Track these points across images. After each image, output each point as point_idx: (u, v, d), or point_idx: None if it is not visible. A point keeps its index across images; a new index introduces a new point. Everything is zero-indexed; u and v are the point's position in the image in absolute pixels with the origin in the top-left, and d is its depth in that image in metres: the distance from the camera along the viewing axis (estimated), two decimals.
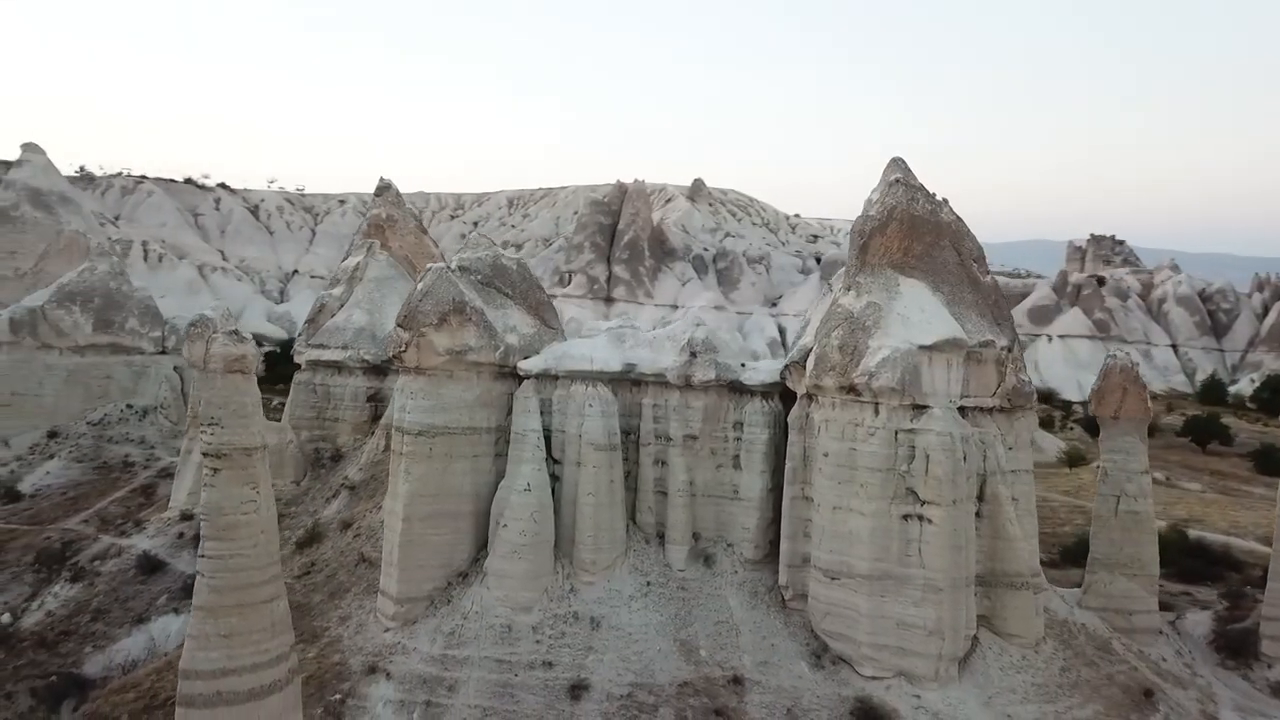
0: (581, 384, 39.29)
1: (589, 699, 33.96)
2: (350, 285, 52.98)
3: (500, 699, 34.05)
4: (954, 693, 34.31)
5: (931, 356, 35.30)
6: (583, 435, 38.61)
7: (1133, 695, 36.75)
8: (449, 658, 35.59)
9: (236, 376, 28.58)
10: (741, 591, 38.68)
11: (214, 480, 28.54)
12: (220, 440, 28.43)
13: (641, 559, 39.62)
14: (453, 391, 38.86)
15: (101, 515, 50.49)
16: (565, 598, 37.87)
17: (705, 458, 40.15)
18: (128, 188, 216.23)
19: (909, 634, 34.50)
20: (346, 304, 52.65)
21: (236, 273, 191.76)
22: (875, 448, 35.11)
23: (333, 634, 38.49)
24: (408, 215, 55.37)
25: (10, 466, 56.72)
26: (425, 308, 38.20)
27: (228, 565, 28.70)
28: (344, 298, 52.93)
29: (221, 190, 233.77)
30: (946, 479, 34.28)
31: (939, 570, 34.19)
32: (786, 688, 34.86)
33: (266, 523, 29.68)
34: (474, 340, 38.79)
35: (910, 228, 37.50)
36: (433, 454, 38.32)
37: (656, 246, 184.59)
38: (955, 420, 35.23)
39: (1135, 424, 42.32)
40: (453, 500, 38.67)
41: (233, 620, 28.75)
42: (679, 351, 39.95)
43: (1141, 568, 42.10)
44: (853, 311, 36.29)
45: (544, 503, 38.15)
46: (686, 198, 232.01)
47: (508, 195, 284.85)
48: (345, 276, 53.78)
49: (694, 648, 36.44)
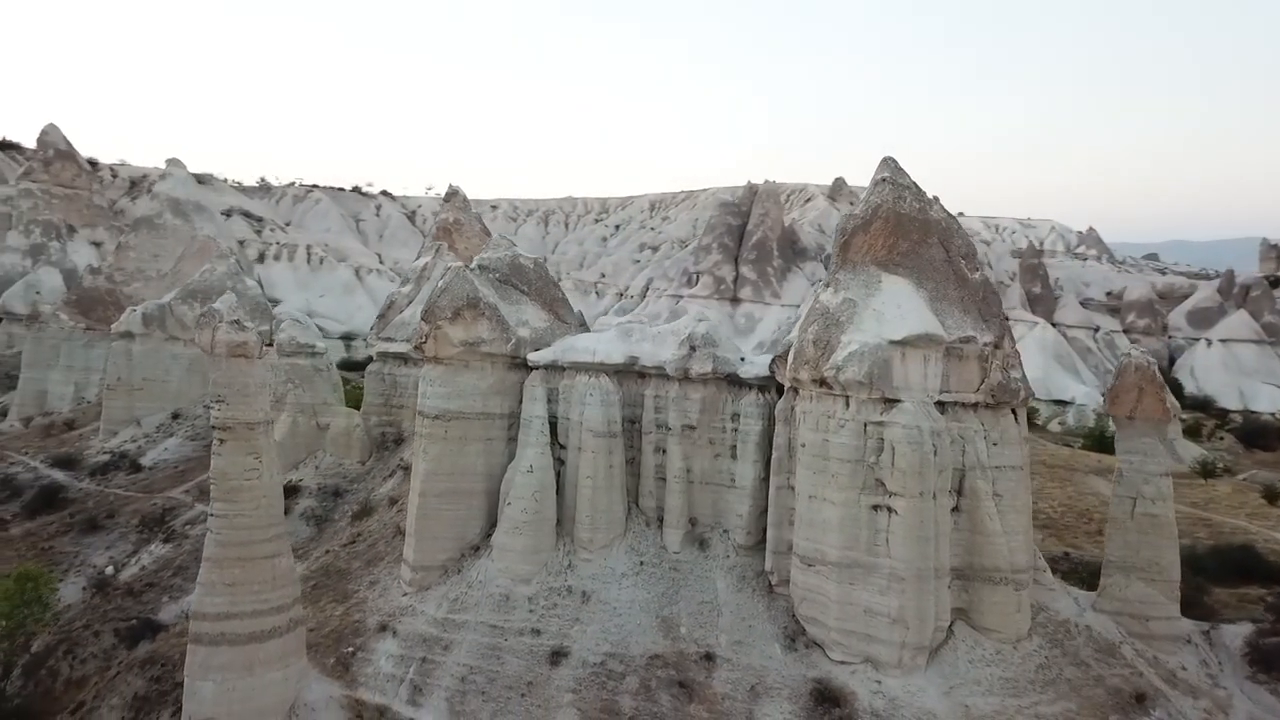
0: (585, 375, 41.97)
1: (565, 665, 36.63)
2: (418, 284, 57.69)
3: (487, 660, 37.22)
4: (916, 680, 34.96)
5: (905, 351, 36.01)
6: (583, 423, 41.34)
7: (1121, 698, 36.16)
8: (449, 621, 39.07)
9: (239, 360, 32.96)
10: (730, 575, 40.35)
11: (220, 450, 33.03)
12: (225, 415, 32.87)
13: (639, 540, 41.93)
14: (468, 380, 42.40)
15: (201, 486, 57.14)
16: (563, 572, 40.68)
17: (703, 447, 42.02)
18: (299, 196, 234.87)
19: (874, 621, 35.38)
20: (414, 300, 57.36)
21: (390, 273, 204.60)
22: (845, 439, 36.16)
23: (360, 596, 42.77)
24: (473, 219, 59.59)
25: (139, 442, 64.81)
26: (442, 303, 41.91)
27: (232, 524, 33.13)
28: (412, 295, 57.71)
29: (382, 197, 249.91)
30: (912, 471, 34.98)
31: (903, 560, 34.93)
32: (755, 666, 36.41)
33: (269, 488, 33.98)
34: (487, 333, 42.20)
35: (896, 225, 38.23)
36: (448, 436, 41.98)
37: (786, 247, 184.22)
38: (925, 414, 35.80)
39: (1153, 425, 41.19)
40: (466, 479, 42.18)
41: (235, 572, 33.15)
42: (678, 345, 41.97)
43: (1160, 572, 40.95)
44: (829, 307, 37.44)
45: (545, 484, 41.12)
46: (827, 197, 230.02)
47: (651, 199, 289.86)
48: (415, 275, 58.62)
49: (675, 624, 38.49)
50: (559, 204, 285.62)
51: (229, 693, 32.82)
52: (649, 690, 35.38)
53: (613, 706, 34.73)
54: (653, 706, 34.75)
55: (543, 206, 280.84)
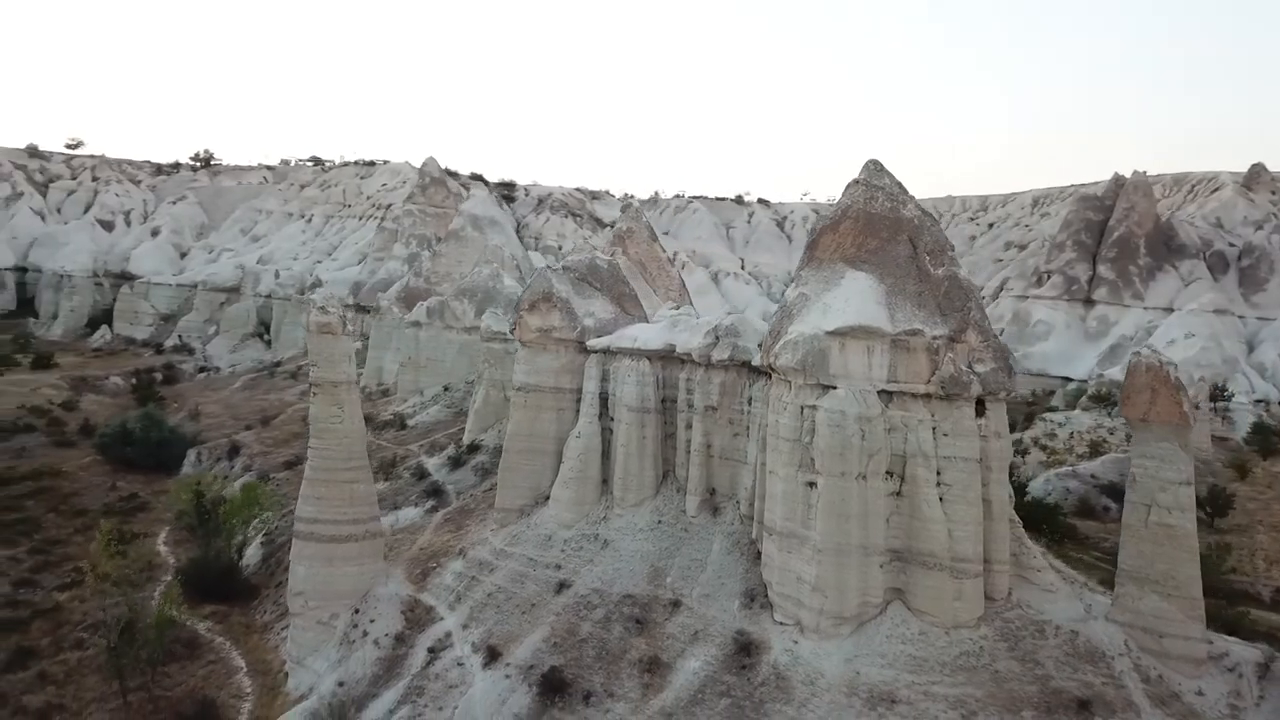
0: (628, 359, 49.05)
1: (564, 595, 44.44)
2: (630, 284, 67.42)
3: (514, 583, 46.20)
4: (827, 645, 37.82)
5: (844, 342, 38.83)
6: (621, 399, 48.54)
7: (1058, 700, 35.83)
8: (503, 551, 48.60)
9: (326, 336, 45.37)
10: (728, 539, 45.13)
11: (314, 401, 45.75)
12: (317, 375, 45.51)
13: (666, 503, 48.15)
14: (544, 360, 51.52)
15: (433, 443, 72.25)
16: (597, 523, 48.31)
17: (724, 425, 47.01)
18: (680, 206, 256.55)
19: (802, 588, 38.81)
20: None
21: (746, 277, 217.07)
22: (787, 420, 39.84)
23: (468, 528, 53.81)
24: (643, 227, 68.05)
25: (414, 407, 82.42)
26: (525, 296, 51.51)
27: (321, 455, 45.73)
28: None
29: (757, 205, 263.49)
30: (832, 452, 37.94)
31: (822, 534, 38.04)
32: (710, 617, 41.38)
33: (350, 432, 46.09)
34: (558, 321, 51.00)
35: (866, 224, 40.78)
36: (528, 405, 51.49)
37: (1158, 243, 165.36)
38: (855, 400, 38.29)
39: (1171, 429, 38.81)
40: (541, 441, 51.33)
41: (322, 490, 45.68)
42: (704, 335, 47.43)
43: (1177, 588, 38.76)
44: (788, 301, 41.10)
45: (591, 448, 48.98)
46: (1240, 186, 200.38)
47: (1035, 194, 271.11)
48: None
49: (663, 574, 44.46)
50: (934, 204, 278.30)
51: (314, 576, 45.44)
52: (609, 622, 42.08)
53: (575, 630, 41.97)
54: (604, 634, 41.44)
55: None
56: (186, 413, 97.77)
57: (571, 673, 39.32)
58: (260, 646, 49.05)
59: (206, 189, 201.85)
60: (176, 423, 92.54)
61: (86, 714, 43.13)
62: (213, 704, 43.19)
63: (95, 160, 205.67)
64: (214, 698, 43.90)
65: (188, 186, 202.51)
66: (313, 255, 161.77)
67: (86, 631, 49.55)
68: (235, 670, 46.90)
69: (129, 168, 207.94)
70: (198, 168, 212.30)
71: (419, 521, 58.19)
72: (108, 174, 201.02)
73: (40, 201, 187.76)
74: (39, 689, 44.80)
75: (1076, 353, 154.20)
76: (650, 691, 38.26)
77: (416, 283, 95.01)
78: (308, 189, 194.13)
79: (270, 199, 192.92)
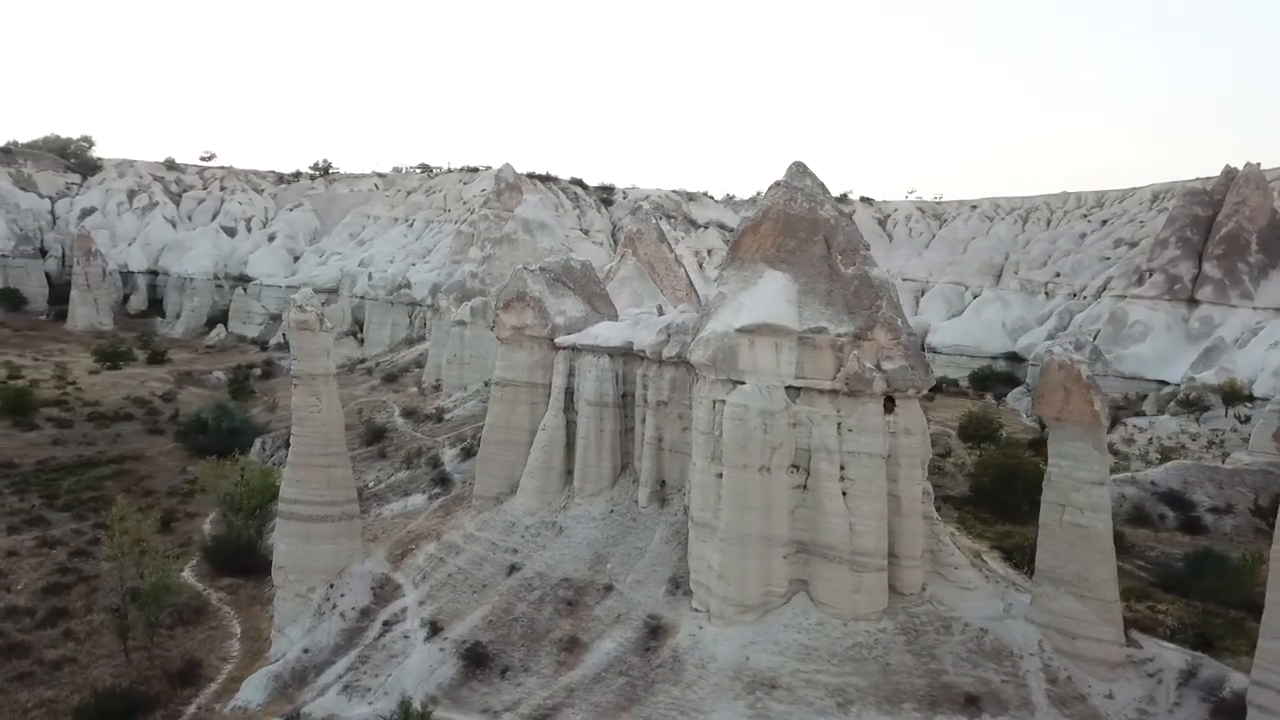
0: (591, 355, 51.35)
1: (512, 577, 47.14)
2: (603, 284, 70.01)
3: (473, 565, 49.21)
4: (728, 631, 39.20)
5: (753, 339, 40.14)
6: (582, 393, 50.90)
7: (946, 695, 36.27)
8: (472, 536, 51.70)
9: (305, 332, 49.50)
10: (669, 529, 46.80)
11: (295, 392, 49.99)
12: (297, 369, 49.72)
13: (621, 494, 50.21)
14: (519, 356, 54.37)
15: (459, 435, 76.24)
16: (557, 511, 50.80)
17: (674, 420, 48.69)
18: None
19: (710, 575, 40.34)
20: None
21: None
22: (701, 414, 41.44)
23: (453, 514, 57.21)
24: (652, 229, 70.13)
25: (455, 402, 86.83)
26: (502, 295, 54.50)
27: (301, 442, 49.94)
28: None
29: (859, 203, 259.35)
30: (735, 445, 39.35)
31: (726, 524, 39.50)
32: (636, 602, 43.31)
33: (328, 420, 50.12)
34: (531, 319, 53.76)
35: (785, 225, 41.94)
36: (504, 399, 54.46)
37: (1271, 240, 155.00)
38: (759, 396, 39.52)
39: (1085, 429, 38.43)
40: (515, 433, 54.17)
41: (301, 473, 49.86)
42: (658, 332, 49.26)
43: (1090, 589, 38.44)
44: (708, 299, 42.60)
45: (555, 440, 51.53)
46: None
47: (1155, 189, 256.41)
48: (601, 277, 70.93)
49: (604, 561, 46.59)
50: (1047, 200, 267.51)
51: (294, 552, 49.66)
52: (542, 603, 44.53)
53: (510, 609, 44.61)
54: (536, 614, 43.92)
55: (1027, 204, 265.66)
56: (264, 405, 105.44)
57: (496, 648, 41.98)
58: (259, 616, 53.74)
59: (321, 196, 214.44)
60: (254, 414, 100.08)
61: (94, 667, 48.51)
62: (199, 664, 47.90)
63: (224, 171, 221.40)
64: (202, 659, 48.65)
65: (305, 194, 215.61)
66: (408, 258, 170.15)
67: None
68: (230, 636, 51.68)
69: (254, 177, 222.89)
70: (316, 176, 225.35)
71: (422, 508, 62.00)
72: (234, 184, 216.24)
73: (173, 210, 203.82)
74: (61, 644, 50.55)
75: (1175, 355, 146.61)
76: (563, 669, 40.51)
77: (472, 284, 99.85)
78: (413, 195, 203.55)
79: (378, 205, 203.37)
